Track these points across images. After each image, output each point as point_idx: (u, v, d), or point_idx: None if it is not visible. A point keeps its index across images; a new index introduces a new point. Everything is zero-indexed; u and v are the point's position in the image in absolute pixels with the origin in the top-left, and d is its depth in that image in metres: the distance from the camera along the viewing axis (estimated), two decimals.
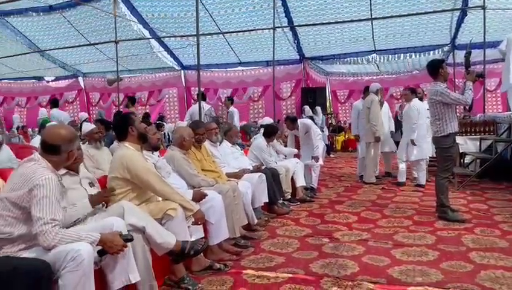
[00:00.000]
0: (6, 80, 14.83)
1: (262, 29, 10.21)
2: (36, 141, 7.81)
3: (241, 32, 10.74)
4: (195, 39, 7.01)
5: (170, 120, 13.12)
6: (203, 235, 3.45)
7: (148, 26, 10.73)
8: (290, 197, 5.92)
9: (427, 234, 4.22)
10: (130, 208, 2.78)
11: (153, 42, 11.66)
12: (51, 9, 10.22)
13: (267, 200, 5.11)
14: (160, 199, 3.23)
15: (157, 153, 4.16)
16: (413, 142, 6.79)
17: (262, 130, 6.55)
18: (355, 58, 12.32)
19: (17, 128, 12.71)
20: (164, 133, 10.24)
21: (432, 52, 11.65)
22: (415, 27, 10.68)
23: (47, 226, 2.13)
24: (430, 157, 7.04)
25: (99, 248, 2.31)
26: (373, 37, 11.19)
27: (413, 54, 11.91)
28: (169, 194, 3.15)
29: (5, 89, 15.31)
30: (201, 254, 3.28)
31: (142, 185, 3.13)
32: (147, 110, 13.31)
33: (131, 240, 2.47)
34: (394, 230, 4.41)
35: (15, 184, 2.33)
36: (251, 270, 3.37)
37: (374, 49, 11.91)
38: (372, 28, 10.68)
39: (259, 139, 6.26)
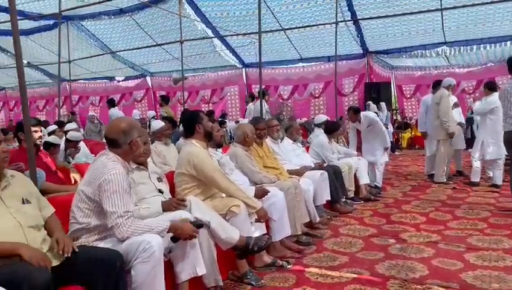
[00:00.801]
0: (82, 80, 15.86)
1: (325, 24, 10.03)
2: None
3: (302, 28, 10.62)
4: (257, 37, 7.02)
5: (231, 118, 13.34)
6: (265, 232, 3.46)
7: (211, 25, 10.96)
8: (353, 195, 5.78)
9: (504, 238, 3.93)
10: (196, 202, 2.85)
11: (216, 41, 11.88)
12: (121, 12, 10.76)
13: (329, 198, 5.02)
14: (224, 195, 3.28)
15: (220, 150, 4.24)
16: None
17: (316, 129, 6.41)
18: (423, 51, 11.72)
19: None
20: (226, 130, 10.42)
21: (508, 42, 10.79)
22: (490, 16, 9.94)
23: (121, 219, 2.24)
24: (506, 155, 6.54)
25: (171, 235, 2.40)
26: (443, 28, 10.57)
27: (487, 45, 11.09)
28: (233, 191, 3.20)
29: (80, 88, 16.39)
30: (264, 250, 3.30)
31: (207, 181, 3.21)
32: (209, 108, 13.63)
33: (201, 226, 2.54)
34: (467, 233, 4.15)
35: (89, 178, 2.46)
36: (314, 269, 3.33)
37: (443, 41, 11.25)
38: (442, 19, 10.10)
39: (320, 136, 6.16)
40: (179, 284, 2.57)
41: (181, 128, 5.18)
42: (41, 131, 4.25)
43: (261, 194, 3.62)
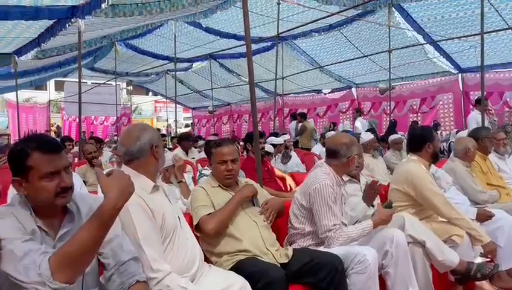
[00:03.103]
0: (292, 95, 17.17)
1: None
2: (316, 148, 8.74)
3: None
4: (476, 38, 6.32)
5: (444, 128, 12.29)
6: (488, 259, 3.08)
7: (423, 31, 10.37)
8: None
9: None
10: (411, 220, 2.76)
11: (428, 47, 11.18)
12: (330, 28, 11.21)
13: None
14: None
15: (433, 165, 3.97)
16: None
17: None
18: None
19: None
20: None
21: None
22: None
23: (330, 233, 2.39)
24: None
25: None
26: None
27: None
28: (455, 219, 2.93)
29: (290, 102, 17.74)
30: (488, 279, 2.94)
31: (425, 204, 3.04)
32: (416, 118, 12.89)
33: (391, 205, 2.62)
34: None
35: (303, 187, 2.70)
36: None
37: None
38: None
39: None
40: None
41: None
42: (263, 142, 4.80)
43: (484, 217, 3.26)
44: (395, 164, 5.16)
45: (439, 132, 10.31)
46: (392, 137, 6.01)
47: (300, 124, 10.43)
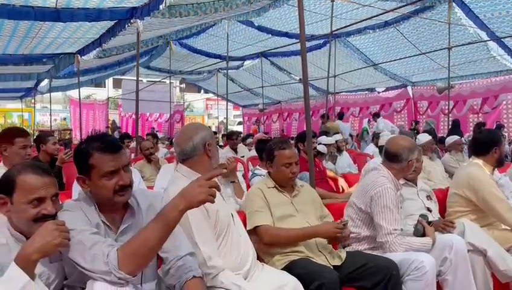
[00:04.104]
0: (344, 93, 16.87)
1: None
2: (368, 149, 8.53)
3: None
4: None
5: (508, 130, 11.55)
6: None
7: (486, 27, 9.81)
8: None
9: None
10: (472, 227, 2.64)
11: (491, 44, 10.58)
12: (385, 24, 10.86)
13: None
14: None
15: (496, 170, 3.74)
16: None
17: None
18: None
19: (351, 136, 14.16)
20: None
21: None
22: None
23: (390, 236, 2.31)
24: None
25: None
26: None
27: None
28: None
29: (342, 100, 17.43)
30: None
31: (487, 210, 2.89)
32: (480, 119, 12.20)
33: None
34: None
35: (360, 191, 2.64)
36: None
37: None
38: None
39: None
40: None
41: None
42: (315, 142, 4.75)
43: None
44: (453, 167, 4.94)
45: (505, 134, 9.70)
46: (452, 138, 5.66)
47: (322, 126, 10.14)
